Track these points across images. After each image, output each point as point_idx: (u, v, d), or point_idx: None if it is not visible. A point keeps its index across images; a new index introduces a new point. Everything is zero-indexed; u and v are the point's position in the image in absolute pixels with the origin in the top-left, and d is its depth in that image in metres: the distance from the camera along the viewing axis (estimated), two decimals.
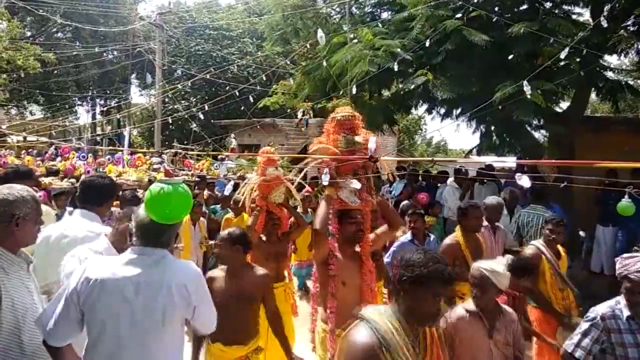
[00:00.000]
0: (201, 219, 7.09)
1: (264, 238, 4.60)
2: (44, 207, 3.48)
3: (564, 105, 10.18)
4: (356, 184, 3.00)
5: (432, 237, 5.93)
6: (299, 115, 15.32)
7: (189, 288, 2.21)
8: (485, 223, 5.02)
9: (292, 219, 5.20)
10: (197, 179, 9.53)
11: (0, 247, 2.21)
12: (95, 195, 3.18)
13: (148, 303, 2.13)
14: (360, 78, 8.36)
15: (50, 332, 2.17)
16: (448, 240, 4.73)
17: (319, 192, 7.04)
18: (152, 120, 21.03)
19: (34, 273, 2.43)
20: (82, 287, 2.15)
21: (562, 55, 6.30)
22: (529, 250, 4.43)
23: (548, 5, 8.65)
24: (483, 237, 4.90)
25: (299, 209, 6.36)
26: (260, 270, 3.51)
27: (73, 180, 6.70)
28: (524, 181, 1.71)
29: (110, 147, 16.51)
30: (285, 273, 4.85)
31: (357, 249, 3.48)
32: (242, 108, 17.87)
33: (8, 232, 2.23)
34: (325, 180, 3.17)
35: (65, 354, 2.23)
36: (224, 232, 3.51)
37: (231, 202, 6.81)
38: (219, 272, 3.47)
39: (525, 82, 5.91)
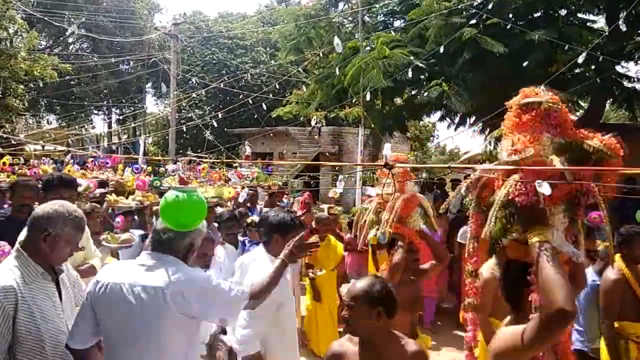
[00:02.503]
0: None
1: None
2: None
3: (579, 113, 10.08)
4: (372, 191, 2.71)
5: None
6: (313, 122, 15.36)
7: (186, 296, 2.14)
8: None
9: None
10: (250, 191, 8.18)
11: (29, 257, 2.28)
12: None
13: (143, 307, 2.14)
14: (373, 87, 8.38)
15: (70, 335, 2.27)
16: (612, 274, 3.76)
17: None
18: (167, 129, 21.27)
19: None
20: (93, 288, 2.24)
21: (580, 59, 6.24)
22: None
23: (563, 12, 8.60)
24: None
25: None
26: (412, 345, 2.39)
27: (141, 198, 5.73)
28: (545, 188, 1.64)
29: (126, 156, 16.71)
30: None
31: None
32: (256, 116, 18.00)
33: (38, 246, 2.29)
34: (340, 187, 2.82)
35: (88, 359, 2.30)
36: (354, 285, 2.38)
37: (314, 222, 5.70)
38: (349, 345, 2.40)
39: (542, 88, 5.84)
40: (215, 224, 5.25)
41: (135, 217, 5.74)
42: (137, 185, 6.09)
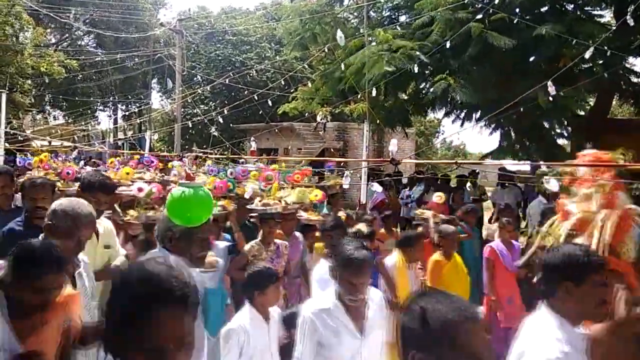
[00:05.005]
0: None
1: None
2: (105, 223, 3.43)
3: (586, 108, 10.02)
4: (377, 187, 2.66)
5: None
6: (318, 118, 15.35)
7: None
8: None
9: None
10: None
11: None
12: None
13: None
14: (377, 80, 8.36)
15: None
16: None
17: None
18: (172, 125, 21.32)
19: None
20: None
21: (587, 54, 6.19)
22: None
23: (570, 7, 8.55)
24: None
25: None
26: None
27: (222, 203, 4.67)
28: (552, 184, 1.63)
29: (132, 152, 16.78)
30: None
31: None
32: (261, 112, 18.00)
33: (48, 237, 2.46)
34: (346, 183, 2.61)
35: None
36: None
37: (437, 236, 4.69)
38: None
39: (549, 83, 5.81)
40: (298, 234, 4.69)
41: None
42: (217, 188, 4.94)
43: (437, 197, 6.24)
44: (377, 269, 4.21)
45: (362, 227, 4.24)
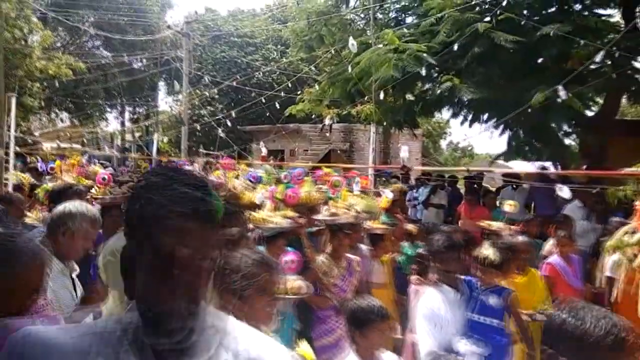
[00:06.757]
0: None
1: None
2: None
3: (595, 108, 9.96)
4: (389, 194, 2.61)
5: None
6: (326, 121, 15.39)
7: None
8: None
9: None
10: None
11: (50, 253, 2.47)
12: None
13: None
14: (385, 82, 8.34)
15: None
16: None
17: None
18: (180, 127, 21.42)
19: None
20: None
21: (597, 58, 6.15)
22: None
23: (578, 7, 8.51)
24: None
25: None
26: None
27: (292, 214, 4.09)
28: (565, 192, 1.61)
29: (140, 156, 16.86)
30: None
31: None
32: (267, 114, 18.06)
33: (57, 241, 2.47)
34: (356, 189, 2.54)
35: None
36: None
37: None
38: None
39: (560, 87, 5.78)
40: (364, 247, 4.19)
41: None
42: (288, 197, 4.25)
43: (509, 205, 5.66)
44: (509, 308, 3.23)
45: (492, 254, 3.28)
